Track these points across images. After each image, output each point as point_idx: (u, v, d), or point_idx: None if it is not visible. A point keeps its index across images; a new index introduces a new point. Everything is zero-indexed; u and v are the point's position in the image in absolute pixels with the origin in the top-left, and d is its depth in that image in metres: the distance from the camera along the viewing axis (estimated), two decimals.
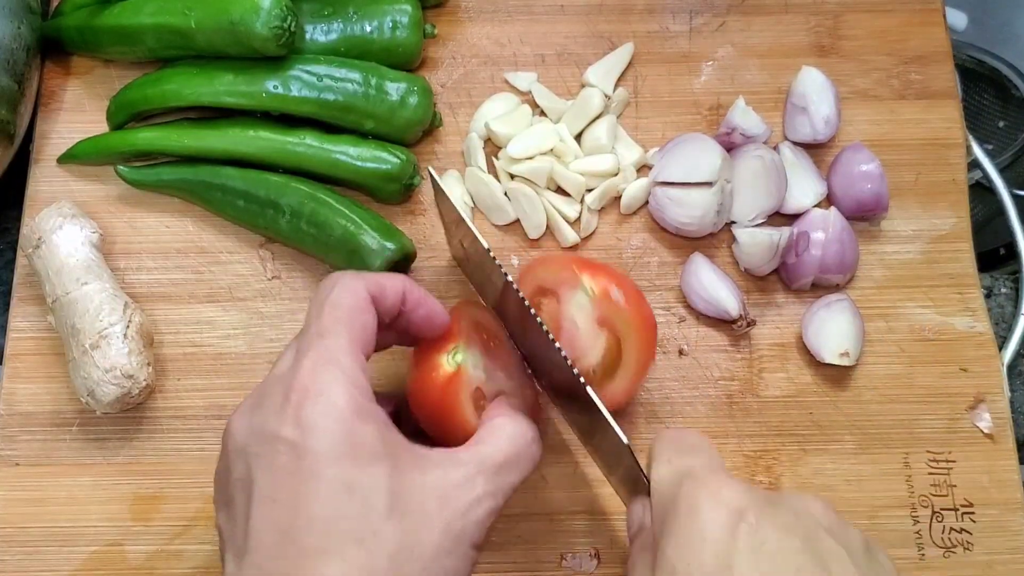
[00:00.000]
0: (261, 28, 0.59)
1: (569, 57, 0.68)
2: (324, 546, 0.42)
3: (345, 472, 0.43)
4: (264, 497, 0.43)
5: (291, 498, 0.42)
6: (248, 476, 0.44)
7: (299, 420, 0.43)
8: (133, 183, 0.64)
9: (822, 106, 0.65)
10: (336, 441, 0.43)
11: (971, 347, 0.62)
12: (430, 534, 0.43)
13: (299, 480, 0.42)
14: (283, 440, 0.43)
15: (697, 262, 0.62)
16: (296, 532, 0.42)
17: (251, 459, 0.44)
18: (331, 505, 0.42)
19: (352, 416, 0.44)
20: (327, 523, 0.42)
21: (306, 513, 0.42)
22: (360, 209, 0.61)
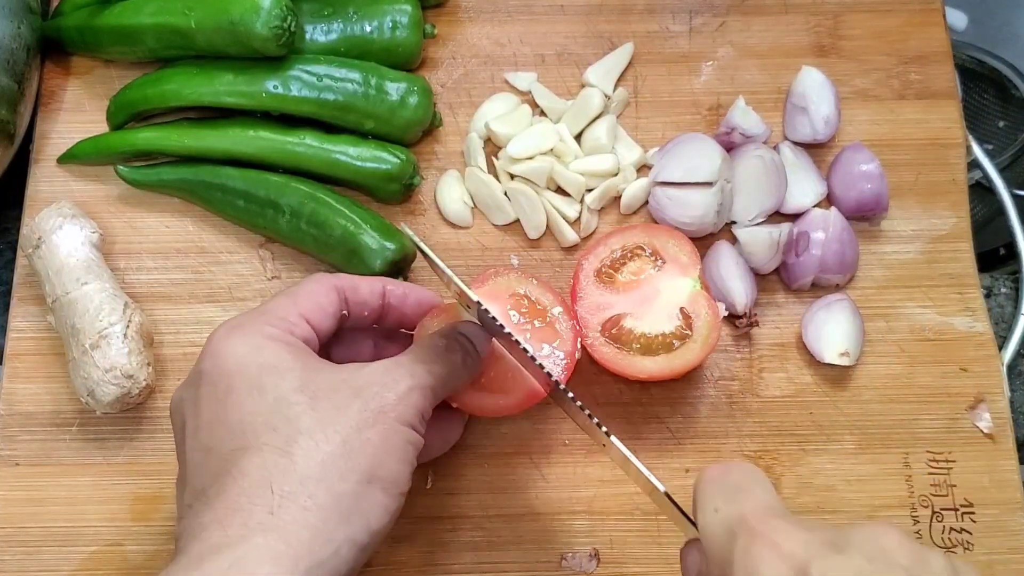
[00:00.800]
0: (261, 28, 0.59)
1: (569, 57, 0.68)
2: (243, 444, 0.44)
3: (254, 379, 0.46)
4: (191, 429, 0.47)
5: (210, 417, 0.46)
6: (181, 424, 0.48)
7: (215, 353, 0.47)
8: (133, 183, 0.64)
9: (822, 106, 0.65)
10: (245, 360, 0.47)
11: (971, 347, 0.62)
12: (347, 411, 0.46)
13: (215, 399, 0.46)
14: (201, 373, 0.47)
15: (722, 249, 0.62)
16: (218, 443, 0.45)
17: (182, 408, 0.48)
18: (243, 408, 0.45)
19: (263, 342, 0.47)
20: (242, 424, 0.45)
21: (223, 424, 0.45)
22: (360, 209, 0.61)
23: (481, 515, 0.58)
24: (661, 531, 0.58)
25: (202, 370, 0.47)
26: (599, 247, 0.59)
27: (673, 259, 0.58)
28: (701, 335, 0.56)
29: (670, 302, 0.57)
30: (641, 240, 0.59)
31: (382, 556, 0.57)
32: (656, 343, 0.57)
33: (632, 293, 0.58)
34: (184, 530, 0.44)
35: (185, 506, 0.45)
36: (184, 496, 0.46)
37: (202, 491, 0.44)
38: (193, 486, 0.45)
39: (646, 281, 0.58)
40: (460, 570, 0.57)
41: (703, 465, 0.59)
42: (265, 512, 0.42)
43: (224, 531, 0.42)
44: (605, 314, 0.57)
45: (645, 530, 0.58)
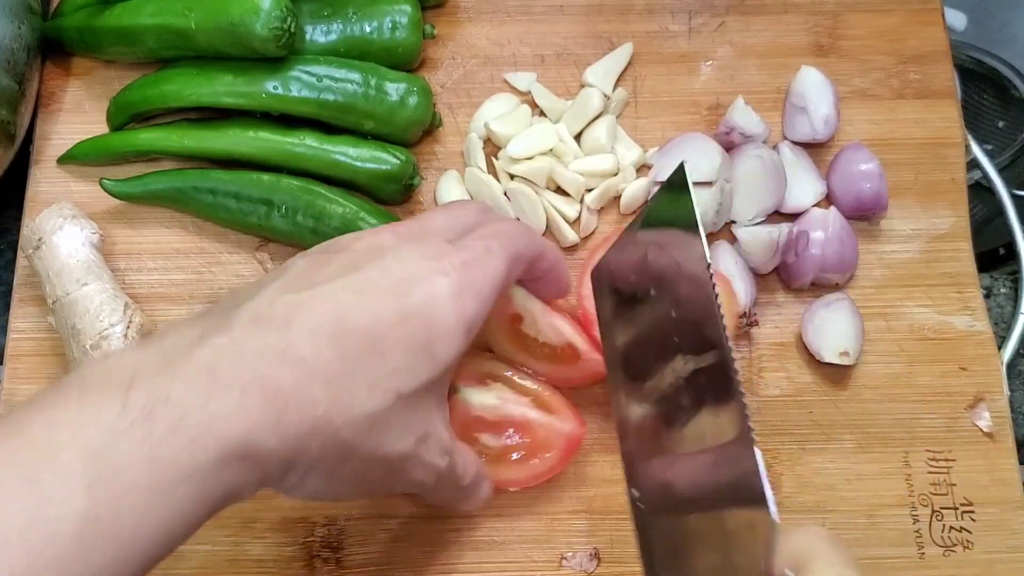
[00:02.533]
0: (261, 29, 0.59)
1: (568, 57, 0.69)
2: (349, 354, 0.42)
3: (420, 343, 0.44)
4: (357, 284, 0.44)
5: (373, 305, 0.44)
6: (361, 264, 0.45)
7: (432, 281, 0.45)
8: (120, 196, 0.63)
9: (821, 106, 0.65)
10: (439, 322, 0.45)
11: (971, 346, 0.62)
12: (394, 445, 0.45)
13: (392, 303, 0.44)
14: (412, 274, 0.45)
15: (721, 249, 0.62)
16: (348, 324, 0.43)
17: (376, 258, 0.46)
18: (388, 343, 0.43)
19: (463, 324, 0.45)
20: (372, 346, 0.43)
21: (369, 323, 0.43)
22: (354, 198, 0.62)
23: (481, 515, 0.58)
24: None
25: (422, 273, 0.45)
26: (602, 251, 0.59)
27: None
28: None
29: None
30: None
31: (382, 555, 0.57)
32: None
33: None
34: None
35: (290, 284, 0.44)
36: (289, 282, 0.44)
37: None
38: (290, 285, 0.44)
39: None
40: (460, 570, 0.57)
41: None
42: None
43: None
44: None
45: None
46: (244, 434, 0.39)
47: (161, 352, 0.40)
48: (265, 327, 0.41)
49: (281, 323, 0.42)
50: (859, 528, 0.58)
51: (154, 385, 0.38)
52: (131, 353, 0.41)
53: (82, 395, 0.38)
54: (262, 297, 0.43)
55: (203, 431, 0.38)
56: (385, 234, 0.48)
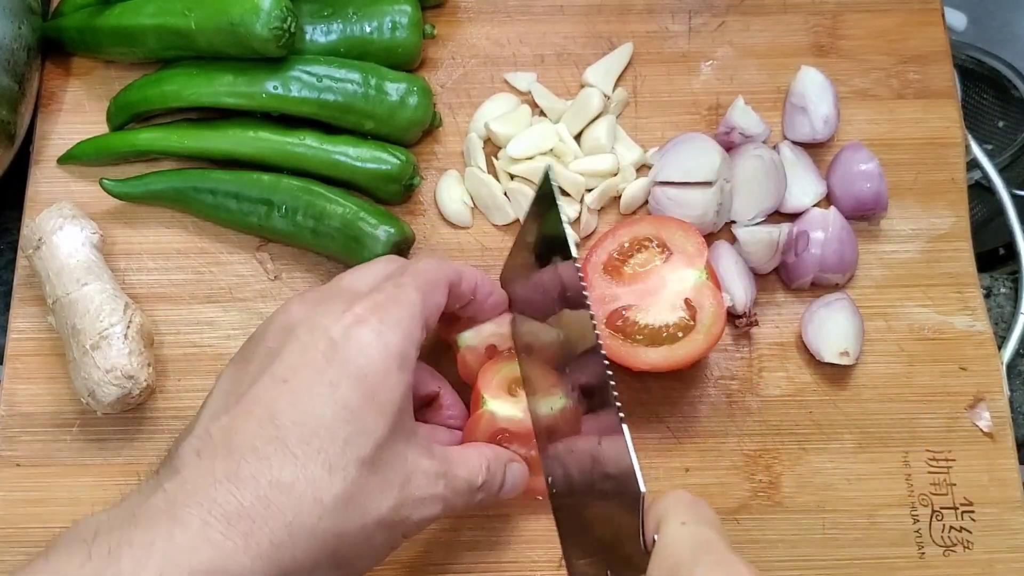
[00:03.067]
0: (261, 29, 0.59)
1: (568, 57, 0.69)
2: (296, 450, 0.42)
3: (359, 400, 0.44)
4: (278, 374, 0.44)
5: (300, 388, 0.44)
6: (278, 349, 0.45)
7: (351, 331, 0.45)
8: (120, 196, 0.64)
9: (821, 106, 0.65)
10: (369, 368, 0.45)
11: (970, 346, 0.62)
12: (379, 505, 0.44)
13: (317, 377, 0.44)
14: (328, 338, 0.45)
15: (721, 249, 0.62)
16: (283, 419, 0.43)
17: (290, 337, 0.46)
18: (328, 419, 0.43)
19: (394, 360, 0.45)
20: (315, 431, 0.43)
21: (302, 409, 0.43)
22: (354, 197, 0.62)
23: (481, 515, 0.58)
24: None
25: (330, 335, 0.45)
26: (607, 239, 0.59)
27: (680, 250, 0.58)
28: (705, 326, 0.56)
29: (675, 293, 0.57)
30: (649, 232, 0.59)
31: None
32: (660, 334, 0.57)
33: (638, 285, 0.58)
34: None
35: (221, 419, 0.44)
36: (221, 416, 0.44)
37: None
38: (231, 425, 0.43)
39: (652, 272, 0.58)
40: (460, 570, 0.57)
41: (703, 465, 0.60)
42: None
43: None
44: (611, 306, 0.58)
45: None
46: (212, 560, 0.40)
47: (122, 508, 0.42)
48: (209, 458, 0.42)
49: (222, 449, 0.42)
50: (859, 528, 0.59)
51: (117, 534, 0.40)
52: (95, 515, 0.43)
53: (48, 553, 0.41)
54: (199, 429, 0.44)
55: (171, 565, 0.39)
56: (294, 307, 0.48)
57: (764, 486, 0.59)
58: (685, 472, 0.59)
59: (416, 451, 0.47)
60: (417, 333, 0.47)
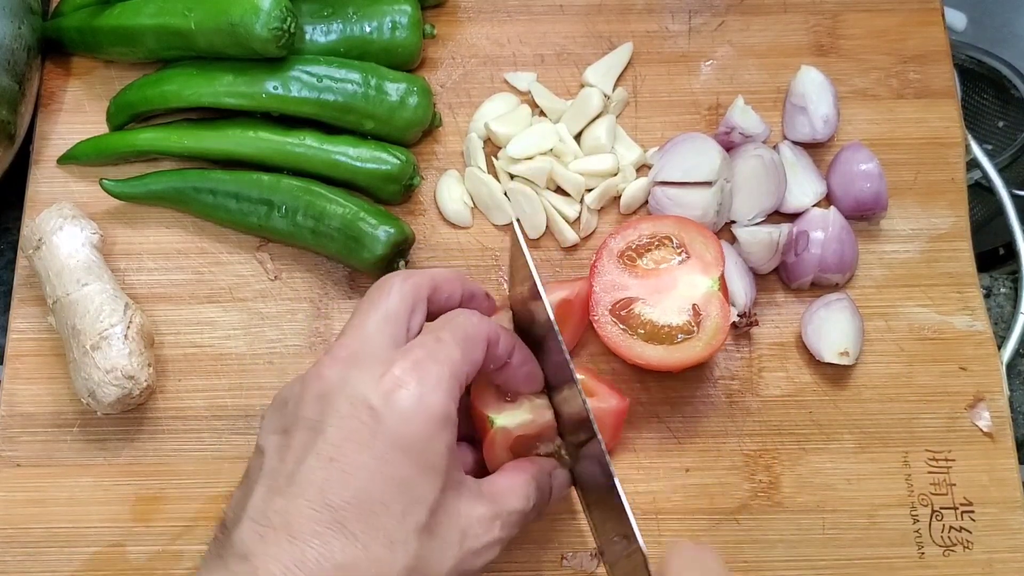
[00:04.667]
0: (261, 29, 0.59)
1: (568, 57, 0.69)
2: (355, 530, 0.42)
3: (408, 470, 0.44)
4: (324, 453, 0.43)
5: (349, 467, 0.43)
6: (320, 422, 0.44)
7: (391, 398, 0.44)
8: (120, 196, 0.64)
9: (821, 105, 0.65)
10: (415, 437, 0.44)
11: (970, 346, 0.62)
12: (442, 567, 0.44)
13: (364, 453, 0.43)
14: (369, 408, 0.44)
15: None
16: (336, 500, 0.42)
17: (329, 408, 0.44)
18: (382, 494, 0.43)
19: (438, 422, 0.45)
20: (370, 508, 0.43)
21: (355, 487, 0.43)
22: (354, 197, 0.62)
23: None
24: (661, 531, 0.58)
25: (372, 405, 0.44)
26: (628, 229, 0.59)
27: (698, 256, 0.58)
28: (706, 335, 0.56)
29: (684, 296, 0.57)
30: (671, 231, 0.59)
31: None
32: (661, 333, 0.57)
33: (650, 280, 0.58)
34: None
35: (275, 502, 0.44)
36: (275, 498, 0.44)
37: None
38: (285, 508, 0.43)
39: (666, 271, 0.58)
40: None
41: (703, 465, 0.60)
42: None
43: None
44: (618, 294, 0.58)
45: (645, 529, 0.58)
46: None
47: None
48: (274, 543, 0.42)
49: (284, 534, 0.42)
50: (859, 528, 0.59)
51: None
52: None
53: None
54: (254, 510, 0.44)
55: None
56: (327, 371, 0.46)
57: (764, 486, 0.59)
58: (685, 472, 0.59)
59: (467, 501, 0.47)
60: (457, 392, 0.46)
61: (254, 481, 0.45)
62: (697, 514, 0.59)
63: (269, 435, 0.46)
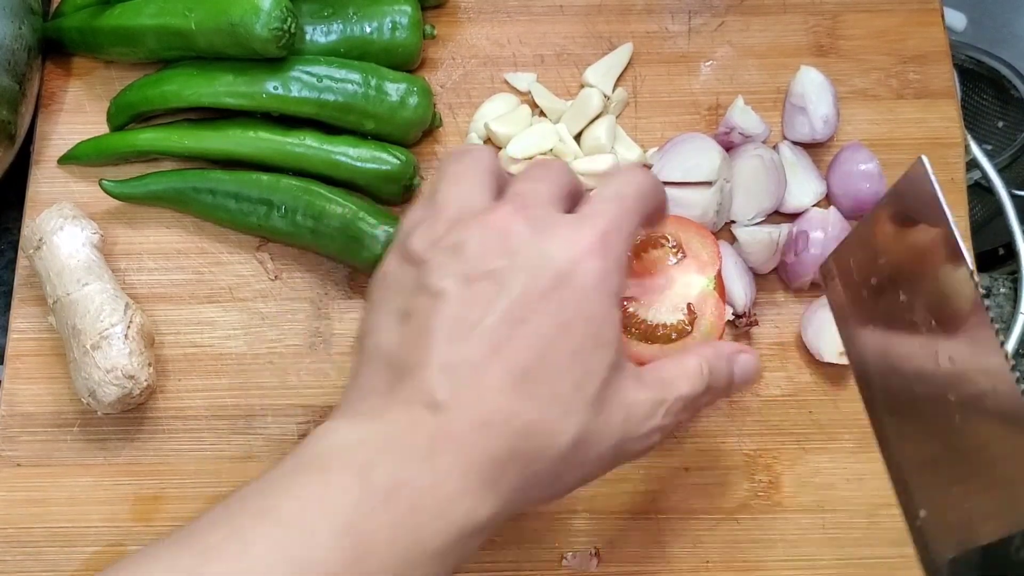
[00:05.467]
0: (261, 30, 0.59)
1: (568, 57, 0.69)
2: (537, 393, 0.42)
3: (585, 341, 0.43)
4: (514, 313, 0.42)
5: (537, 331, 0.42)
6: (507, 279, 0.43)
7: (580, 270, 0.43)
8: (120, 197, 0.64)
9: (821, 106, 0.65)
10: (596, 310, 0.43)
11: None
12: (604, 444, 0.44)
13: (551, 319, 0.42)
14: (556, 271, 0.43)
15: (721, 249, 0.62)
16: (522, 362, 0.42)
17: (514, 267, 0.43)
18: (562, 362, 0.42)
19: (615, 298, 0.44)
20: (551, 374, 0.42)
21: (539, 352, 0.42)
22: (354, 197, 0.62)
23: None
24: (662, 530, 0.58)
25: (556, 264, 0.43)
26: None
27: (694, 255, 0.58)
28: (701, 333, 0.56)
29: (680, 295, 0.57)
30: (668, 230, 0.59)
31: None
32: (655, 332, 0.57)
33: (645, 280, 0.58)
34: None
35: (440, 377, 0.42)
36: (437, 375, 0.42)
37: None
38: (455, 382, 0.42)
39: (662, 271, 0.58)
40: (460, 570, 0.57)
41: (703, 464, 0.60)
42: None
43: None
44: None
45: (646, 530, 0.58)
46: (471, 512, 0.41)
47: (381, 430, 0.42)
48: (466, 398, 0.42)
49: (473, 390, 0.42)
50: (859, 528, 0.58)
51: (389, 469, 0.40)
52: (353, 432, 0.42)
53: (325, 476, 0.40)
54: (441, 355, 0.43)
55: (437, 515, 0.40)
56: (514, 225, 0.44)
57: (764, 486, 0.59)
58: (685, 472, 0.59)
59: (632, 385, 0.46)
60: (627, 265, 0.46)
61: (430, 325, 0.43)
62: (697, 514, 0.59)
63: (447, 280, 0.44)
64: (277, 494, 0.40)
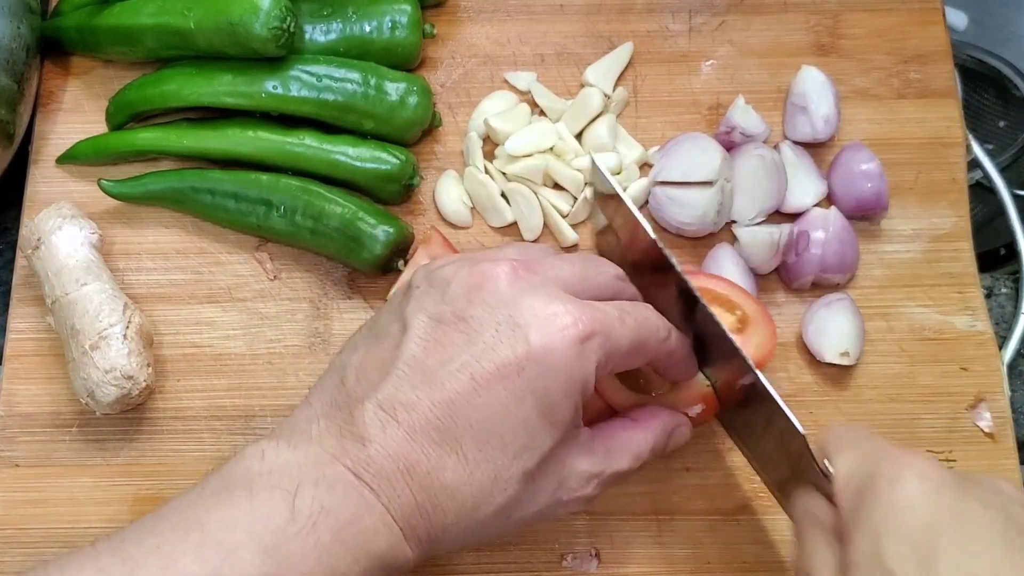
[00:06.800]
0: (260, 29, 0.59)
1: (568, 57, 0.68)
2: (469, 454, 0.43)
3: (536, 418, 0.44)
4: (474, 373, 0.43)
5: (488, 395, 0.43)
6: (476, 333, 0.44)
7: (552, 347, 0.43)
8: (118, 197, 0.63)
9: (822, 105, 0.65)
10: (555, 390, 0.44)
11: (971, 346, 0.62)
12: (528, 510, 0.45)
13: (505, 386, 0.43)
14: (527, 345, 0.43)
15: (721, 249, 0.62)
16: (463, 420, 0.43)
17: (489, 322, 0.44)
18: (505, 430, 0.43)
19: (580, 387, 0.44)
20: (489, 439, 0.43)
21: (484, 414, 0.43)
22: (353, 197, 0.62)
23: None
24: (662, 531, 0.58)
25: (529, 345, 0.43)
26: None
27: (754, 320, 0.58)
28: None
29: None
30: (726, 295, 0.59)
31: None
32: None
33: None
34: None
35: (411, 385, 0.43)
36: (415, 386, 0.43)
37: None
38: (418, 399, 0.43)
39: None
40: (460, 570, 0.57)
41: (704, 465, 0.59)
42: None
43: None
44: None
45: (646, 530, 0.58)
46: (387, 550, 0.42)
47: (311, 455, 0.43)
48: (392, 433, 0.43)
49: (405, 433, 0.43)
50: None
51: (315, 494, 0.41)
52: (286, 453, 0.43)
53: (252, 497, 0.41)
54: (386, 391, 0.43)
55: (355, 547, 0.42)
56: (505, 287, 0.45)
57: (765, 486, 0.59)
58: (686, 472, 0.59)
59: (576, 454, 0.46)
60: (605, 370, 0.45)
61: (390, 360, 0.44)
62: (697, 514, 0.58)
63: (420, 315, 0.45)
64: (206, 508, 0.41)
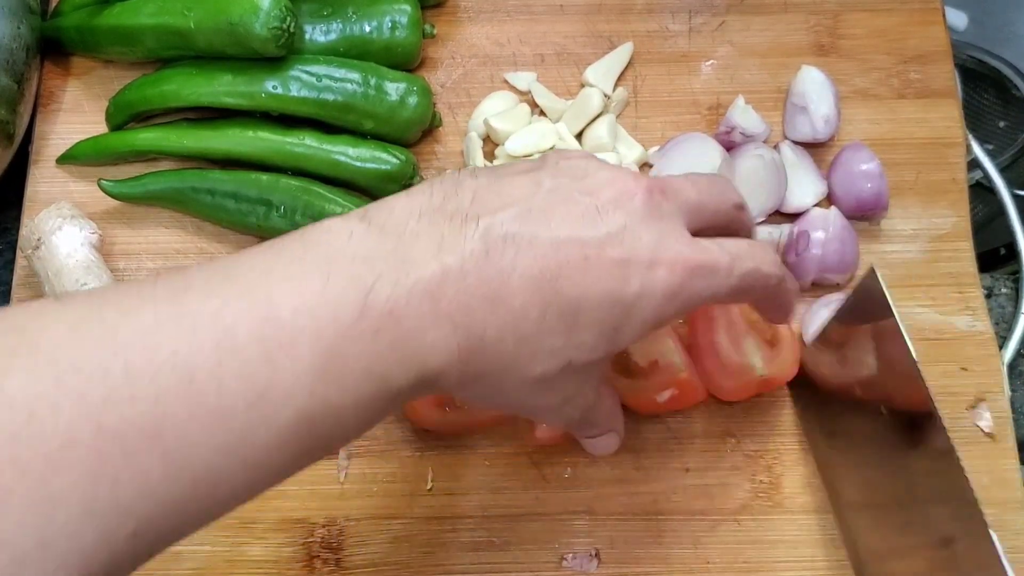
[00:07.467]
0: (260, 29, 0.59)
1: (568, 57, 0.68)
2: (531, 313, 0.41)
3: (605, 331, 0.43)
4: (586, 249, 0.42)
5: (581, 274, 0.42)
6: (592, 213, 0.43)
7: (654, 281, 0.43)
8: (118, 197, 0.63)
9: (822, 105, 0.65)
10: (634, 319, 0.43)
11: (971, 346, 0.62)
12: (539, 400, 0.45)
13: (602, 275, 0.42)
14: (636, 253, 0.43)
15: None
16: (547, 284, 0.42)
17: (605, 213, 0.43)
18: (572, 313, 0.42)
19: (652, 327, 0.44)
20: (557, 315, 0.42)
21: (567, 291, 0.42)
22: (353, 197, 0.62)
23: (481, 515, 0.58)
24: (662, 531, 0.58)
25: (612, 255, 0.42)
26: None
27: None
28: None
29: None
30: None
31: (382, 556, 0.57)
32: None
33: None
34: None
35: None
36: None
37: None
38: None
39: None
40: (460, 570, 0.57)
41: (704, 465, 0.59)
42: None
43: None
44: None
45: (646, 530, 0.58)
46: (440, 367, 0.41)
47: (400, 251, 0.40)
48: (494, 262, 0.41)
49: (508, 264, 0.41)
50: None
51: (391, 295, 0.39)
52: (374, 239, 0.41)
53: (328, 281, 0.39)
54: (499, 221, 0.42)
55: (412, 356, 0.40)
56: (633, 190, 0.44)
57: (765, 487, 0.59)
58: (686, 472, 0.59)
59: (593, 382, 0.47)
60: (685, 313, 0.46)
61: (515, 199, 0.43)
62: (697, 514, 0.58)
63: (556, 179, 0.44)
64: (277, 278, 0.38)
